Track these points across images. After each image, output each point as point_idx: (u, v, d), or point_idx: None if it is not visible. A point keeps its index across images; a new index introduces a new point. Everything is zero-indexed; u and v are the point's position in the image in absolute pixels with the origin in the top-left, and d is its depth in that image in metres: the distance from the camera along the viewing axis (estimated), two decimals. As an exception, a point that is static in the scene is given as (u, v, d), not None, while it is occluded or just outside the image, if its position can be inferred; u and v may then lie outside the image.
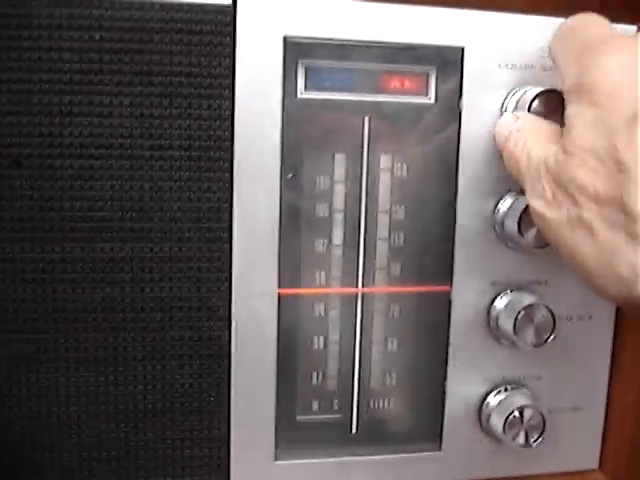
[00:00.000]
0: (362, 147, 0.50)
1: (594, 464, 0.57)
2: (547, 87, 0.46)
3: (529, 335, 0.50)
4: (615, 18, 0.49)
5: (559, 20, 0.49)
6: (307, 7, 0.47)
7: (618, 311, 0.55)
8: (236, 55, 0.46)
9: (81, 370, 0.48)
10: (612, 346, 0.55)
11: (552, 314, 0.50)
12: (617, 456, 0.56)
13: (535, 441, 0.51)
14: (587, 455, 0.57)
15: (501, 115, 0.49)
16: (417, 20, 0.48)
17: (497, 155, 0.50)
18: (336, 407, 0.53)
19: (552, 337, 0.50)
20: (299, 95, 0.48)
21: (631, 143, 0.33)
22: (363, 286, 0.51)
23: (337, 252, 0.51)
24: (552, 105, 0.46)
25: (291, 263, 0.50)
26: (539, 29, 0.50)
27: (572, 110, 0.39)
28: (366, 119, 0.50)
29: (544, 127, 0.44)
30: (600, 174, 0.35)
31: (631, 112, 0.34)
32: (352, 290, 0.51)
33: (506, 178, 0.50)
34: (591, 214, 0.35)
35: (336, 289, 0.51)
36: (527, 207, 0.47)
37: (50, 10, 0.44)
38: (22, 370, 0.47)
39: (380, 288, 0.52)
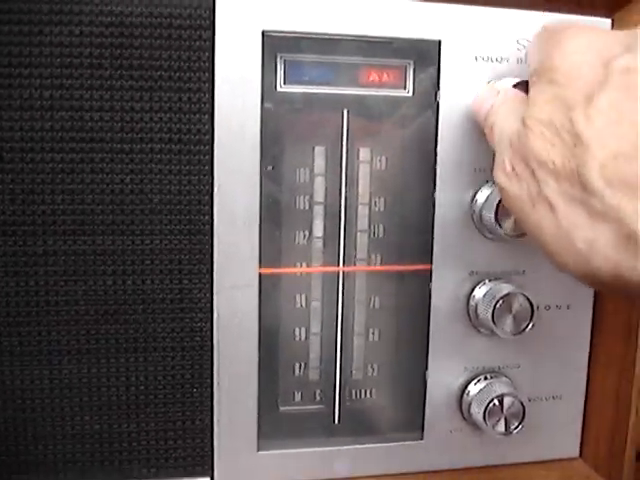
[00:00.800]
0: (341, 140, 0.50)
1: (575, 452, 0.58)
2: (522, 79, 0.47)
3: (508, 324, 0.51)
4: (590, 11, 0.50)
5: (534, 14, 0.50)
6: (285, 1, 0.48)
7: (596, 300, 0.55)
8: (215, 49, 0.47)
9: (64, 362, 0.48)
10: (590, 334, 0.56)
11: (530, 303, 0.50)
12: (597, 444, 0.57)
13: (515, 429, 0.52)
14: (568, 443, 0.58)
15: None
16: (394, 14, 0.49)
17: (475, 146, 0.51)
18: (318, 397, 0.54)
19: (531, 326, 0.51)
20: (278, 88, 0.49)
21: (588, 118, 0.34)
22: (344, 275, 0.52)
23: (317, 244, 0.51)
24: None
25: (272, 254, 0.50)
26: (514, 22, 0.50)
27: (533, 90, 0.39)
28: (345, 112, 0.50)
29: (522, 103, 0.44)
30: (558, 148, 0.35)
31: (589, 89, 0.34)
32: (333, 269, 0.52)
33: (483, 169, 0.51)
34: (550, 189, 0.35)
35: (317, 268, 0.52)
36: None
37: (30, 5, 0.45)
38: (5, 363, 0.48)
39: (361, 267, 0.52)
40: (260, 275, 0.49)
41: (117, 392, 0.49)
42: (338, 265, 0.52)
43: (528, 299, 0.50)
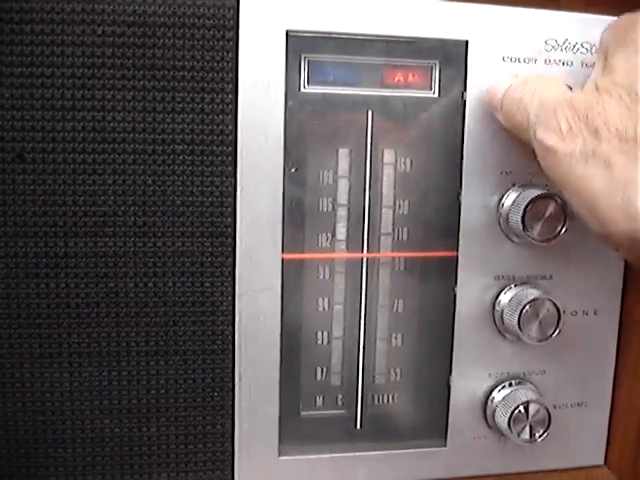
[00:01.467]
0: (365, 141, 0.50)
1: (599, 460, 0.57)
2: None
3: (534, 330, 0.50)
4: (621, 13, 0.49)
5: (563, 14, 0.49)
6: (310, 1, 0.47)
7: (623, 306, 0.54)
8: (239, 49, 0.46)
9: (84, 365, 0.48)
10: (617, 341, 0.55)
11: (557, 308, 0.50)
12: (623, 452, 0.56)
13: (540, 436, 0.51)
14: (592, 451, 0.57)
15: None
16: (420, 13, 0.48)
17: (502, 149, 0.50)
18: (340, 402, 0.53)
19: (557, 332, 0.50)
20: (302, 89, 0.48)
21: None
22: (367, 278, 0.51)
23: (341, 247, 0.51)
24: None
25: (295, 259, 0.50)
26: (542, 22, 0.50)
27: (616, 57, 0.40)
28: (369, 113, 0.49)
29: (550, 78, 0.46)
30: (632, 111, 0.36)
31: None
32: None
33: (510, 172, 0.50)
34: (611, 147, 0.36)
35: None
36: (531, 201, 0.47)
37: (53, 4, 0.44)
38: (25, 366, 0.47)
39: (385, 254, 0.52)
40: (283, 277, 0.49)
41: (137, 395, 0.49)
42: (361, 268, 0.51)
43: (555, 304, 0.49)
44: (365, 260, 0.51)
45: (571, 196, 0.39)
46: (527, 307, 0.49)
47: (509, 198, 0.50)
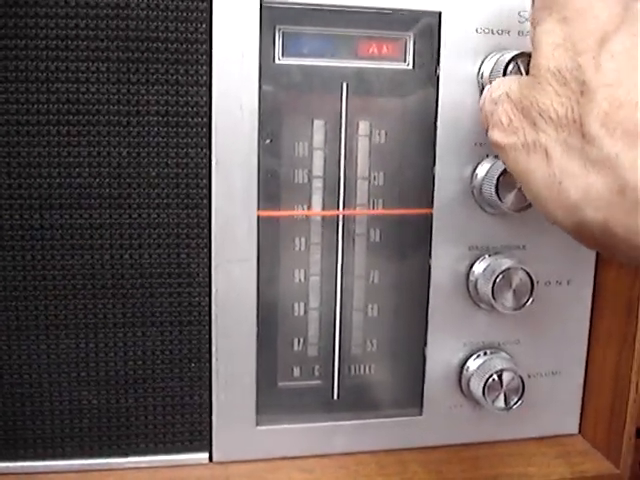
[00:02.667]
0: (340, 113, 0.50)
1: (574, 429, 0.58)
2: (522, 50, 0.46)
3: (508, 299, 0.50)
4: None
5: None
6: (283, -28, 0.47)
7: (597, 275, 0.55)
8: (213, 20, 0.46)
9: (61, 337, 0.48)
10: (591, 310, 0.55)
11: (530, 278, 0.50)
12: (597, 421, 0.56)
13: (514, 404, 0.52)
14: (567, 420, 0.57)
15: (479, 83, 0.50)
16: (394, -15, 0.49)
17: (475, 120, 0.50)
18: (317, 373, 0.53)
19: (530, 301, 0.51)
20: (277, 61, 0.48)
21: (598, 65, 0.33)
22: (343, 250, 0.52)
23: (316, 219, 0.51)
24: (527, 69, 0.46)
25: (271, 229, 0.50)
26: (516, -6, 0.50)
27: (540, 29, 0.38)
28: (344, 85, 0.50)
29: (508, 77, 0.44)
30: (563, 97, 0.35)
31: (602, 32, 0.34)
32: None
33: (483, 143, 0.50)
34: (548, 138, 0.35)
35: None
36: (504, 171, 0.47)
37: (25, -24, 0.44)
38: (2, 338, 0.47)
39: (360, 211, 0.52)
40: (258, 248, 0.49)
41: (115, 367, 0.49)
42: (337, 240, 0.51)
43: (528, 274, 0.50)
44: (341, 230, 0.51)
45: (523, 188, 0.39)
46: (500, 276, 0.50)
47: (482, 169, 0.50)
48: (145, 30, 0.46)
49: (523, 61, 0.46)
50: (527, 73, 0.41)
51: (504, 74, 0.46)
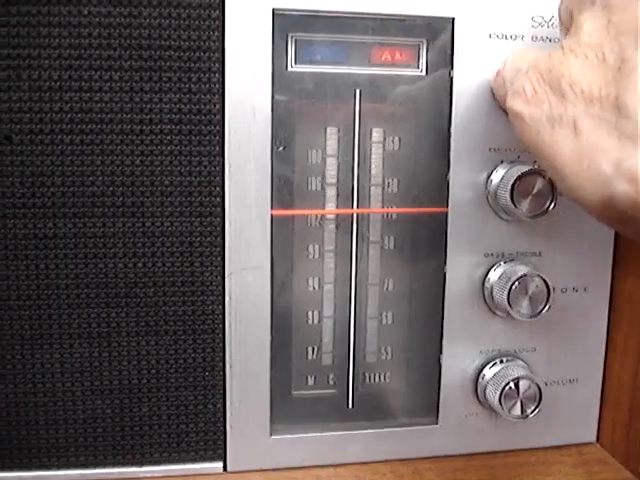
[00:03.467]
0: (354, 120, 0.50)
1: (591, 437, 0.57)
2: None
3: (524, 306, 0.50)
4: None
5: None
6: (296, -21, 0.47)
7: (613, 282, 0.54)
8: (225, 28, 0.46)
9: (75, 346, 0.48)
10: (608, 317, 0.55)
11: (547, 284, 0.50)
12: (614, 429, 0.56)
13: (531, 413, 0.51)
14: (584, 428, 0.57)
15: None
16: (407, -9, 0.48)
17: (489, 126, 0.50)
18: (331, 382, 0.53)
19: (547, 308, 0.50)
20: (289, 68, 0.48)
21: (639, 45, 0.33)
22: (357, 258, 0.51)
23: (330, 226, 0.51)
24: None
25: (284, 238, 0.50)
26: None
27: (582, 17, 0.38)
28: (357, 92, 0.49)
29: (529, 47, 0.46)
30: (599, 71, 0.34)
31: None
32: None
33: (498, 149, 0.50)
34: (577, 111, 0.35)
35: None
36: (519, 177, 0.47)
37: (38, -15, 0.44)
38: (16, 347, 0.47)
39: (375, 209, 0.52)
40: (272, 256, 0.49)
41: (129, 376, 0.49)
42: (351, 247, 0.51)
43: (544, 281, 0.50)
44: (355, 238, 0.51)
45: (541, 162, 0.39)
46: (516, 283, 0.49)
47: (497, 175, 0.50)
48: (158, 39, 0.46)
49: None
50: None
51: None
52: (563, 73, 0.36)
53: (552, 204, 0.49)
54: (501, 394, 0.51)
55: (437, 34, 0.49)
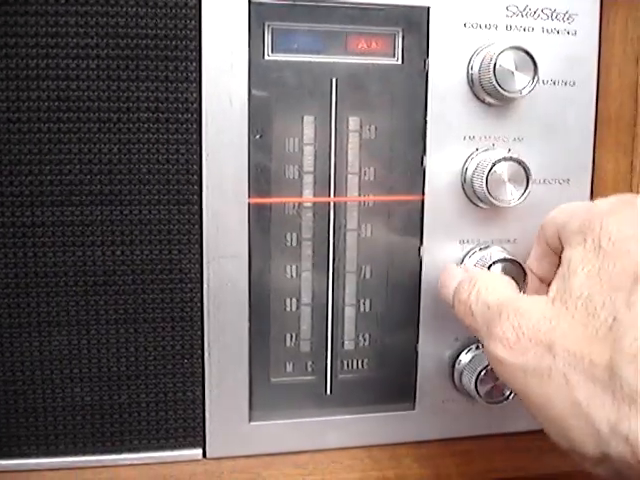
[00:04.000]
0: (330, 108, 0.50)
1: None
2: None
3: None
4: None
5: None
6: (272, -32, 0.47)
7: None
8: (202, 17, 0.46)
9: (54, 334, 0.48)
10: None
11: (522, 269, 0.50)
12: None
13: (507, 398, 0.52)
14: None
15: (468, 77, 0.50)
16: (382, -20, 0.49)
17: (465, 114, 0.50)
18: (310, 369, 0.53)
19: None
20: (266, 57, 0.49)
21: (631, 304, 0.32)
22: (335, 245, 0.52)
23: (307, 214, 0.51)
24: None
25: (261, 226, 0.50)
26: (503, -12, 0.50)
27: (574, 253, 0.38)
28: (334, 80, 0.50)
29: (497, 276, 0.46)
30: (589, 327, 0.34)
31: (636, 270, 0.33)
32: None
33: (473, 137, 0.51)
34: (568, 365, 0.34)
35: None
36: (494, 165, 0.48)
37: (15, -26, 0.44)
38: (-5, 335, 0.48)
39: (351, 197, 0.52)
40: (250, 243, 0.49)
41: (107, 363, 0.49)
42: (328, 235, 0.51)
43: (520, 266, 0.50)
44: (332, 226, 0.51)
45: (530, 410, 0.37)
46: (492, 269, 0.50)
47: (472, 163, 0.50)
48: (135, 27, 0.46)
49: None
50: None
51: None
52: (553, 326, 0.35)
53: (527, 191, 0.49)
54: (477, 379, 0.51)
55: (413, 23, 0.50)
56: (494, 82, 0.48)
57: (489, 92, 0.49)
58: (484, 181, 0.49)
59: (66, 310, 0.48)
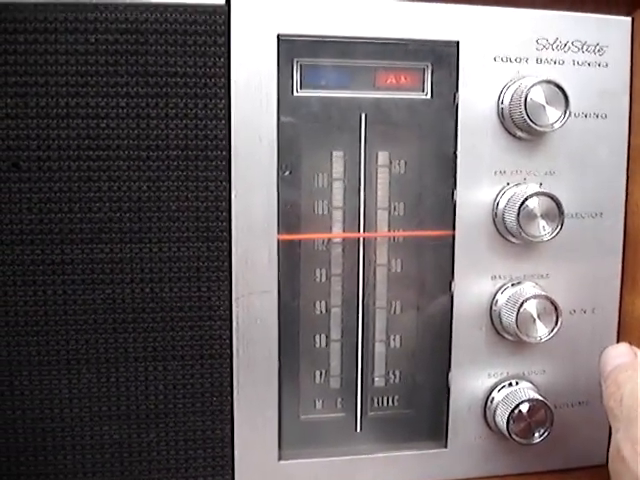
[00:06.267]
0: (359, 144, 0.50)
1: (603, 459, 0.56)
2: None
3: (532, 329, 0.50)
4: (609, 10, 0.50)
5: (553, 13, 0.49)
6: (300, 4, 0.47)
7: (621, 303, 0.54)
8: (231, 54, 0.47)
9: (83, 371, 0.48)
10: (617, 338, 0.54)
11: (555, 306, 0.49)
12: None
13: (541, 436, 0.51)
14: (595, 450, 0.56)
15: (499, 112, 0.49)
16: (411, 15, 0.49)
17: (495, 148, 0.50)
18: (340, 405, 0.53)
19: (555, 330, 0.50)
20: (295, 93, 0.49)
21: None
22: (364, 281, 0.51)
23: (337, 249, 0.51)
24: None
25: (291, 262, 0.50)
26: (533, 22, 0.50)
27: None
28: (363, 116, 0.50)
29: None
30: None
31: None
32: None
33: (504, 172, 0.50)
34: None
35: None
36: (526, 200, 0.47)
37: (46, 14, 0.45)
38: (23, 373, 0.47)
39: (381, 233, 0.52)
40: (279, 283, 0.49)
41: (136, 401, 0.49)
42: (358, 270, 0.51)
43: (552, 303, 0.49)
44: (362, 262, 0.51)
45: None
46: (524, 306, 0.49)
47: (504, 197, 0.50)
48: (164, 65, 0.46)
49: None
50: None
51: None
52: None
53: (560, 226, 0.49)
54: (510, 417, 0.50)
55: (442, 58, 0.50)
56: (525, 116, 0.47)
57: (520, 126, 0.49)
58: (516, 216, 0.48)
59: (95, 347, 0.48)
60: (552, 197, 0.48)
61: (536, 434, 0.51)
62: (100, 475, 0.49)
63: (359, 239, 0.51)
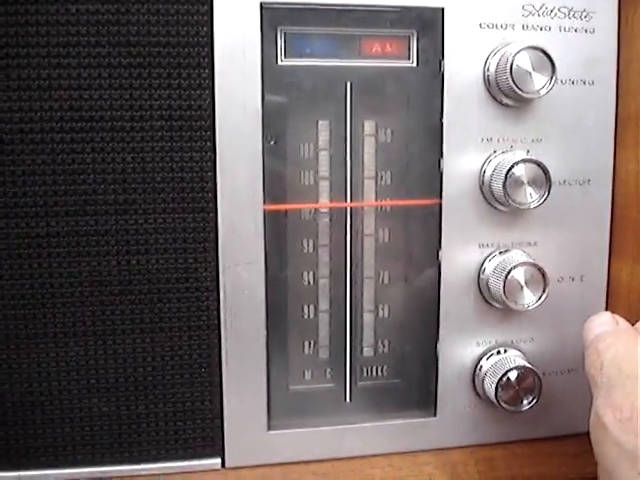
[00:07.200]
0: (345, 113, 0.50)
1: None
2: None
3: (520, 296, 0.50)
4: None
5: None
6: (283, -28, 0.47)
7: (610, 270, 0.54)
8: (214, 23, 0.46)
9: (70, 345, 0.48)
10: (605, 305, 0.54)
11: (543, 274, 0.49)
12: (615, 418, 0.55)
13: (529, 404, 0.51)
14: (582, 418, 0.56)
15: (485, 79, 0.49)
16: (396, -18, 0.48)
17: (482, 116, 0.50)
18: (329, 376, 0.53)
19: (543, 298, 0.50)
20: (279, 62, 0.48)
21: None
22: (351, 248, 0.51)
23: (324, 219, 0.51)
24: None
25: (277, 232, 0.50)
26: (519, -13, 0.49)
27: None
28: (348, 84, 0.49)
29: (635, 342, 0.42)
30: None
31: None
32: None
33: (491, 139, 0.50)
34: None
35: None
36: (512, 167, 0.47)
37: (26, -16, 0.44)
38: (11, 347, 0.47)
39: (369, 202, 0.51)
40: (266, 253, 0.49)
41: (125, 373, 0.49)
42: (345, 240, 0.51)
43: (540, 270, 0.49)
44: (349, 232, 0.51)
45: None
46: (512, 274, 0.49)
47: (490, 165, 0.50)
48: (146, 35, 0.46)
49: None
50: None
51: None
52: None
53: (547, 193, 0.48)
54: (498, 385, 0.50)
55: (427, 25, 0.49)
56: (511, 83, 0.47)
57: (506, 93, 0.48)
58: (503, 183, 0.48)
59: (82, 321, 0.48)
60: (539, 164, 0.48)
61: (524, 402, 0.51)
62: (89, 448, 0.49)
63: (346, 209, 0.51)
